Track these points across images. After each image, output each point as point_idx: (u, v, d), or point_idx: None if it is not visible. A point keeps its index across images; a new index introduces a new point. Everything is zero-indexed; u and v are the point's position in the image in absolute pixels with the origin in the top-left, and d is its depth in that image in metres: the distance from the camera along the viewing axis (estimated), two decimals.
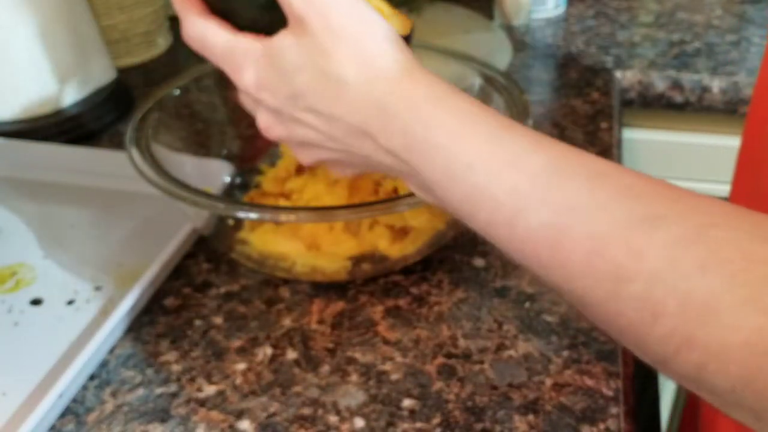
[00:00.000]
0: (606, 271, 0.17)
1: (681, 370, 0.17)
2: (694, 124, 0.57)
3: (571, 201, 0.18)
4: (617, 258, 0.17)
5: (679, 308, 0.16)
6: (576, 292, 0.18)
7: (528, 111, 0.34)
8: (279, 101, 0.23)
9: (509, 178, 0.19)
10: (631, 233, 0.17)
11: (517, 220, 0.19)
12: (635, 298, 0.17)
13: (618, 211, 0.17)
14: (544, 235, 0.18)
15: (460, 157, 0.20)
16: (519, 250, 0.19)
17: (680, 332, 0.16)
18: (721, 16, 0.64)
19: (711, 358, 0.16)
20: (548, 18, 0.65)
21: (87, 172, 0.43)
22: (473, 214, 0.20)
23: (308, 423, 0.28)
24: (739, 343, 0.15)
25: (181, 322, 0.33)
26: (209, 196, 0.29)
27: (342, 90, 0.21)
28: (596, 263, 0.17)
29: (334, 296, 0.34)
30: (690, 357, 0.16)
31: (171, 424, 0.28)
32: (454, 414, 0.28)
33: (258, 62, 0.23)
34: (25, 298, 0.35)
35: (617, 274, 0.17)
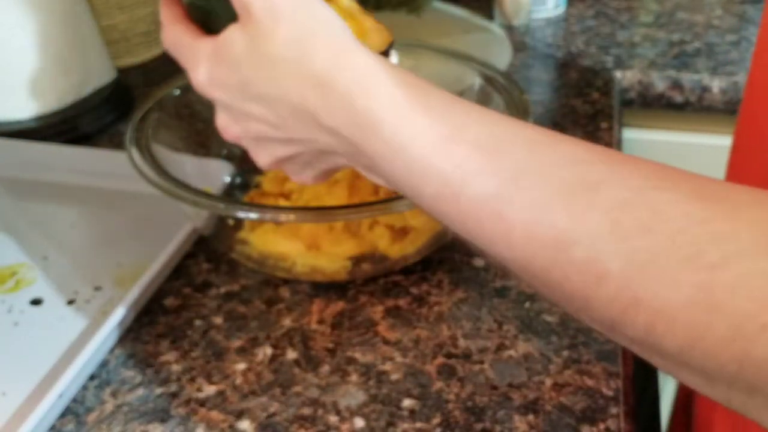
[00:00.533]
0: (548, 237, 0.17)
1: (630, 333, 0.17)
2: (694, 124, 0.57)
3: (512, 170, 0.18)
4: (559, 223, 0.17)
5: (623, 269, 0.16)
6: (520, 261, 0.18)
7: (528, 111, 0.34)
8: (230, 95, 0.23)
9: (453, 149, 0.19)
10: (572, 198, 0.17)
11: (462, 192, 0.19)
12: (578, 263, 0.17)
13: (558, 178, 0.17)
14: (488, 206, 0.18)
15: (403, 130, 0.20)
16: (464, 222, 0.19)
17: (625, 293, 0.16)
18: (721, 16, 0.64)
19: (657, 318, 0.16)
20: (548, 18, 0.65)
21: (87, 172, 0.43)
22: (420, 188, 0.20)
23: (308, 423, 0.28)
24: (682, 300, 0.15)
25: (181, 322, 0.33)
26: (209, 196, 0.29)
27: (281, 68, 0.21)
28: (538, 230, 0.17)
29: (334, 296, 0.34)
30: (637, 318, 0.16)
31: (171, 424, 0.28)
32: (454, 414, 0.28)
33: (209, 59, 0.23)
34: (25, 298, 0.35)
35: (559, 239, 0.17)
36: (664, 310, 0.16)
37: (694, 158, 0.59)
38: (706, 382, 0.16)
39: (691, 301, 0.15)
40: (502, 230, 0.18)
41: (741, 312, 0.15)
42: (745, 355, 0.15)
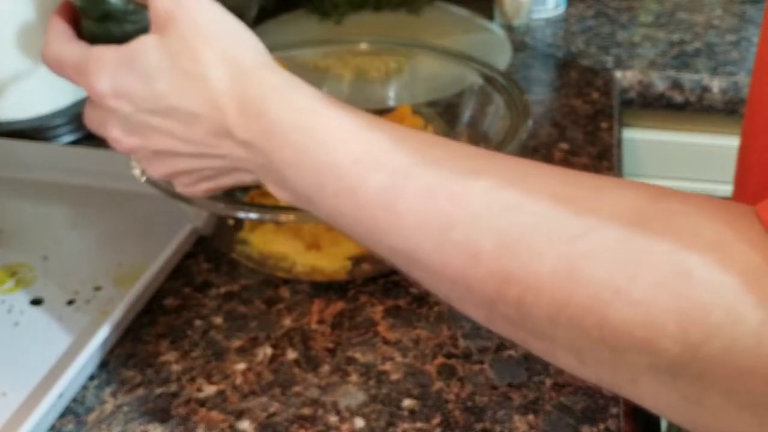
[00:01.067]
0: (433, 221, 0.19)
1: (504, 310, 0.18)
2: (694, 124, 0.57)
3: (405, 163, 0.20)
4: (443, 207, 0.18)
5: (496, 246, 0.17)
6: (409, 250, 0.19)
7: (528, 111, 0.34)
8: (134, 107, 0.23)
9: (352, 147, 0.20)
10: (455, 183, 0.19)
11: (359, 188, 0.20)
12: (458, 243, 0.18)
13: (445, 168, 0.19)
14: (382, 198, 0.20)
15: (311, 134, 0.21)
16: (360, 219, 0.20)
17: (498, 270, 0.17)
18: (721, 16, 0.64)
19: (526, 291, 0.17)
20: (548, 18, 0.65)
21: (87, 172, 0.43)
22: (321, 187, 0.21)
23: (308, 423, 0.28)
24: (546, 271, 0.17)
25: (181, 322, 0.33)
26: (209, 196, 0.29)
27: (205, 88, 0.22)
28: (425, 215, 0.19)
29: (334, 296, 0.35)
30: (509, 293, 0.17)
31: (171, 424, 0.28)
32: (454, 414, 0.28)
33: (113, 67, 0.23)
34: (25, 298, 0.35)
35: (443, 222, 0.18)
36: (531, 282, 0.17)
37: (694, 158, 0.59)
38: (578, 361, 0.17)
39: (554, 271, 0.16)
40: (394, 221, 0.19)
41: (597, 279, 0.16)
42: (603, 320, 0.16)
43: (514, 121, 0.34)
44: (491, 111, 0.37)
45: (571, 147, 0.46)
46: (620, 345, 0.16)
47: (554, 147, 0.46)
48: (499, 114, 0.36)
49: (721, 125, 0.57)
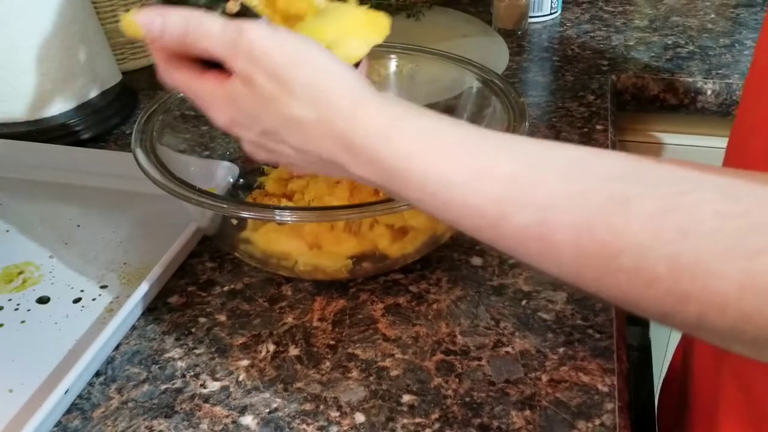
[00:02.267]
0: (594, 252, 0.19)
1: (682, 323, 0.18)
2: (688, 125, 0.58)
3: (547, 198, 0.19)
4: (603, 239, 0.18)
5: (669, 271, 0.17)
6: (570, 274, 0.20)
7: (525, 113, 0.35)
8: (254, 135, 0.24)
9: (485, 187, 0.20)
10: (611, 215, 0.18)
11: (501, 224, 0.20)
12: (626, 271, 0.18)
13: (594, 198, 0.19)
14: (530, 232, 0.19)
15: (431, 176, 0.21)
16: (508, 247, 0.21)
17: (675, 292, 0.18)
18: (715, 19, 0.65)
19: (709, 308, 0.17)
20: (544, 22, 0.65)
21: (93, 173, 0.44)
22: (458, 222, 0.21)
23: (310, 418, 0.29)
24: (731, 290, 0.17)
25: (185, 320, 0.34)
26: (213, 197, 0.30)
27: (304, 129, 0.22)
28: (583, 247, 0.19)
29: (335, 294, 0.35)
30: (688, 310, 0.18)
31: (176, 419, 0.29)
32: (452, 409, 0.29)
33: (224, 104, 0.24)
34: (32, 297, 0.36)
35: (605, 252, 0.18)
36: (715, 300, 0.17)
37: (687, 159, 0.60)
38: (758, 353, 0.18)
39: (739, 289, 0.17)
40: (548, 250, 0.19)
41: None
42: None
43: (511, 123, 0.34)
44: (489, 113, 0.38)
45: None
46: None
47: None
48: (497, 116, 0.37)
49: (714, 127, 0.57)
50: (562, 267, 0.19)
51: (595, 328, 0.32)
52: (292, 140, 0.23)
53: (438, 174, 0.20)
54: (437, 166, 0.20)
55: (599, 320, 0.33)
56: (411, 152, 0.21)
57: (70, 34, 0.47)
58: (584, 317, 0.33)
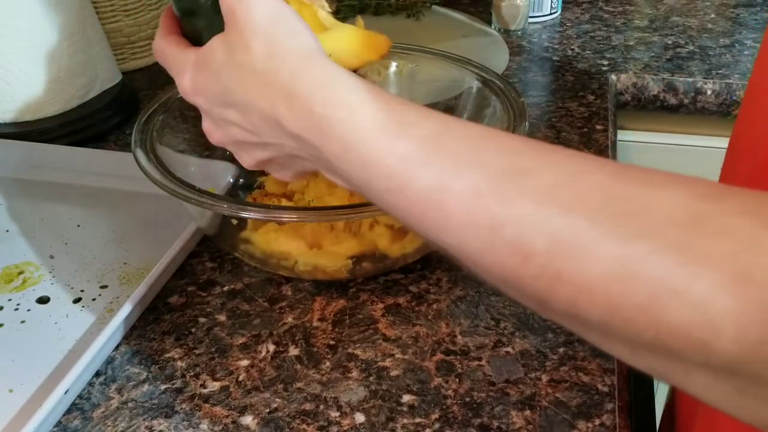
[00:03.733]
0: (482, 220, 0.19)
1: (557, 307, 0.18)
2: (688, 125, 0.58)
3: (453, 162, 0.19)
4: (491, 207, 0.18)
5: (547, 247, 0.17)
6: (460, 247, 0.20)
7: (524, 113, 0.35)
8: (210, 102, 0.25)
9: (399, 145, 0.20)
10: (504, 184, 0.19)
11: (407, 184, 0.20)
12: (508, 243, 0.18)
13: (494, 167, 0.19)
14: (431, 196, 0.20)
15: (354, 130, 0.21)
16: (411, 214, 0.21)
17: (550, 269, 0.17)
18: (715, 19, 0.65)
19: (580, 291, 0.17)
20: (544, 22, 0.65)
21: (93, 173, 0.44)
22: (372, 183, 0.21)
23: (310, 418, 0.29)
24: (601, 272, 0.16)
25: (185, 320, 0.34)
26: (213, 197, 0.30)
27: (254, 78, 0.23)
28: (474, 214, 0.19)
29: (335, 294, 0.35)
30: (561, 292, 0.17)
31: (175, 419, 0.29)
32: (452, 409, 0.29)
33: (194, 67, 0.25)
34: (32, 297, 0.36)
35: (492, 222, 0.18)
36: (585, 284, 0.17)
37: (688, 159, 0.60)
38: (631, 352, 0.17)
39: (609, 273, 0.16)
40: (443, 218, 0.19)
41: (653, 280, 0.16)
42: (659, 321, 0.16)
43: (510, 123, 0.34)
44: (489, 113, 0.38)
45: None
46: (676, 344, 0.16)
47: None
48: (497, 116, 0.37)
49: (714, 127, 0.57)
50: (455, 238, 0.19)
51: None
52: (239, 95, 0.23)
53: (362, 129, 0.21)
54: (362, 122, 0.21)
55: None
56: (343, 107, 0.21)
57: (69, 34, 0.47)
58: None
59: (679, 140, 0.59)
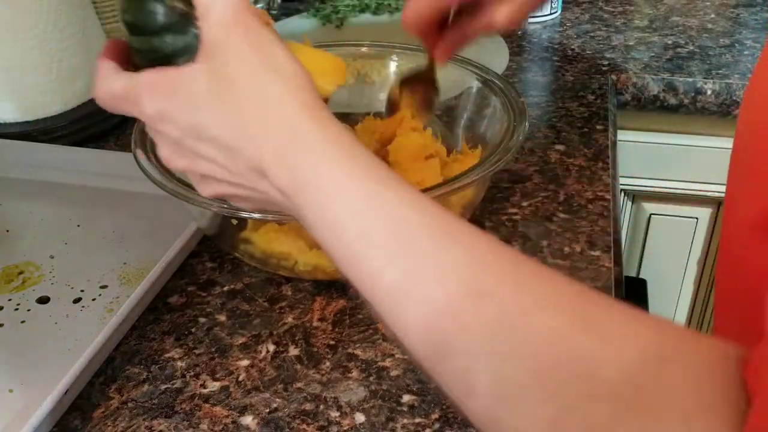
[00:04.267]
0: (437, 341, 0.18)
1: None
2: (688, 125, 0.58)
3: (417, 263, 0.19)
4: (447, 330, 0.18)
5: (488, 390, 0.17)
6: (413, 355, 0.19)
7: (525, 113, 0.35)
8: (180, 132, 0.23)
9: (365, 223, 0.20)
10: (462, 304, 0.18)
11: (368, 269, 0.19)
12: (456, 372, 0.18)
13: (456, 281, 0.18)
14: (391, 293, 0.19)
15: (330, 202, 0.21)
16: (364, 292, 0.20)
17: (489, 412, 0.17)
18: (715, 19, 0.65)
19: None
20: (544, 22, 0.65)
21: (93, 173, 0.44)
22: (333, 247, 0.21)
23: (310, 418, 0.29)
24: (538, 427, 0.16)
25: (185, 320, 0.34)
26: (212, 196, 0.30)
27: (243, 125, 0.22)
28: (428, 334, 0.18)
29: (335, 294, 0.35)
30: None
31: (175, 419, 0.29)
32: (452, 409, 0.29)
33: (161, 93, 0.23)
34: (32, 297, 0.36)
35: (445, 347, 0.18)
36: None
37: (688, 159, 0.60)
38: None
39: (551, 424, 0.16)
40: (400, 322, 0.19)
41: None
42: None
43: (511, 123, 0.34)
44: (489, 113, 0.38)
45: (567, 148, 0.47)
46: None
47: (550, 148, 0.47)
48: (497, 116, 0.37)
49: (714, 127, 0.57)
50: (410, 346, 0.19)
51: None
52: (224, 137, 0.22)
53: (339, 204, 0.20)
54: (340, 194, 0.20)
55: None
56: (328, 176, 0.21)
57: (69, 33, 0.47)
58: None
59: (679, 140, 0.59)
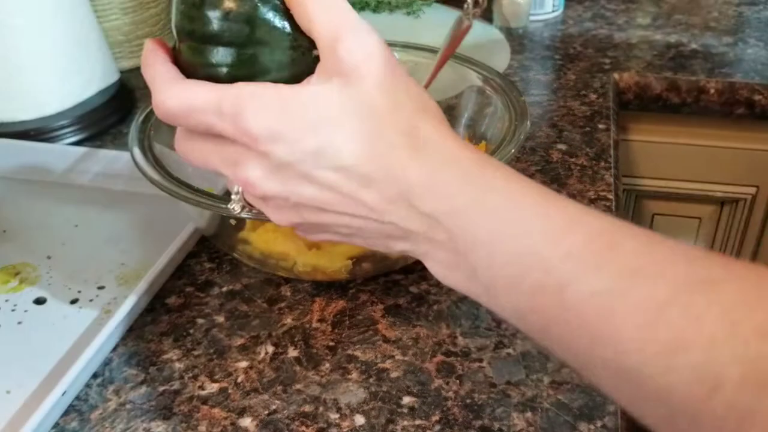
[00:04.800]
0: (663, 338, 0.16)
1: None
2: (691, 125, 0.58)
3: (629, 266, 0.17)
4: (676, 323, 0.16)
5: (741, 378, 0.15)
6: (623, 366, 0.17)
7: (526, 113, 0.34)
8: (295, 155, 0.20)
9: (564, 241, 0.18)
10: (691, 297, 0.16)
11: (568, 285, 0.18)
12: (692, 368, 0.16)
13: (676, 275, 0.17)
14: (598, 302, 0.17)
15: (513, 220, 0.19)
16: (564, 320, 0.18)
17: (741, 406, 0.15)
18: (718, 18, 0.64)
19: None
20: (546, 20, 0.65)
21: (90, 173, 0.44)
22: (518, 278, 0.19)
23: (309, 420, 0.28)
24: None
25: (183, 321, 0.34)
26: (211, 197, 0.30)
27: (389, 154, 0.20)
28: (653, 330, 0.16)
29: (334, 295, 0.35)
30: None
31: (173, 421, 0.29)
32: (453, 411, 0.28)
33: (277, 109, 0.20)
34: (28, 297, 0.35)
35: (675, 342, 0.16)
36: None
37: (691, 159, 0.59)
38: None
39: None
40: (610, 330, 0.17)
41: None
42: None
43: (512, 122, 0.34)
44: (490, 112, 0.38)
45: (569, 148, 0.46)
46: None
47: (552, 148, 0.46)
48: (498, 115, 0.36)
49: (717, 127, 0.57)
50: (620, 355, 0.17)
51: None
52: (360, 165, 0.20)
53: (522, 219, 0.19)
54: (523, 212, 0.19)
55: None
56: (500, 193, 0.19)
57: (67, 32, 0.47)
58: None
59: (682, 139, 0.58)
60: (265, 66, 0.21)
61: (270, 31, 0.21)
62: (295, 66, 0.21)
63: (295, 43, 0.21)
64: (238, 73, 0.21)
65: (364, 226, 0.22)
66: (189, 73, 0.22)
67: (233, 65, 0.21)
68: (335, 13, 0.20)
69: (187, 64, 0.22)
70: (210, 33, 0.21)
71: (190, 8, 0.21)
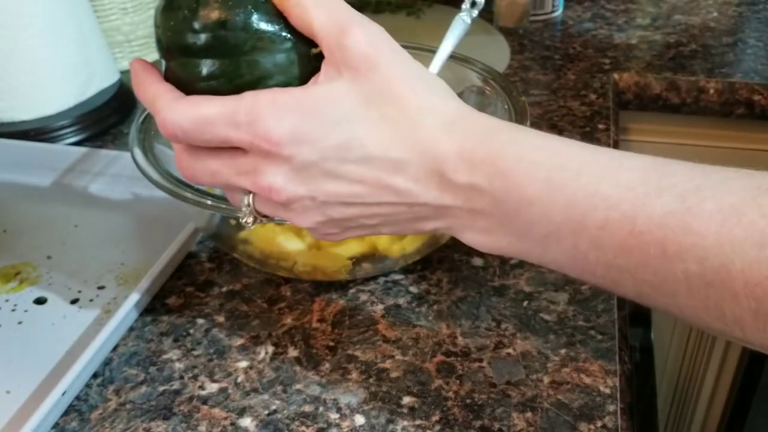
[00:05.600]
0: (748, 235, 0.16)
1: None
2: (691, 125, 0.58)
3: (691, 184, 0.18)
4: (756, 223, 0.16)
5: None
6: (710, 268, 0.17)
7: (526, 113, 0.34)
8: (320, 153, 0.20)
9: (620, 177, 0.19)
10: (763, 200, 0.17)
11: (638, 213, 0.18)
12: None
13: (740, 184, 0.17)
14: (671, 222, 0.18)
15: (563, 168, 0.19)
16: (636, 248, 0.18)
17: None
18: (717, 18, 0.64)
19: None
20: (546, 20, 0.65)
21: (91, 173, 0.44)
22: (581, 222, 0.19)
23: (309, 420, 0.28)
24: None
25: (183, 321, 0.34)
26: (212, 197, 0.30)
27: (415, 135, 0.20)
28: (736, 229, 0.17)
29: (334, 295, 0.35)
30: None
31: (174, 421, 0.29)
32: (453, 411, 0.28)
33: (296, 112, 0.20)
34: (29, 298, 0.35)
35: (761, 237, 0.16)
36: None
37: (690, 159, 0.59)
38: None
39: None
40: (690, 240, 0.17)
41: None
42: None
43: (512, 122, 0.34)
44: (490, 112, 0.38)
45: None
46: None
47: None
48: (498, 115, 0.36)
49: (717, 127, 0.57)
50: (702, 264, 0.17)
51: (597, 329, 0.32)
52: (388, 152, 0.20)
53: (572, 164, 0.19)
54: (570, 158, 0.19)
55: (601, 321, 0.32)
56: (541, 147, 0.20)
57: (67, 33, 0.47)
58: (586, 318, 0.33)
59: (682, 139, 0.58)
60: (266, 71, 0.21)
61: (267, 35, 0.20)
62: (295, 67, 0.21)
63: (293, 44, 0.21)
64: (240, 82, 0.21)
65: (393, 212, 0.22)
66: (184, 91, 0.21)
67: (233, 75, 0.21)
68: (335, 10, 0.21)
69: (182, 81, 0.21)
70: (206, 46, 0.20)
71: (181, 23, 0.20)
